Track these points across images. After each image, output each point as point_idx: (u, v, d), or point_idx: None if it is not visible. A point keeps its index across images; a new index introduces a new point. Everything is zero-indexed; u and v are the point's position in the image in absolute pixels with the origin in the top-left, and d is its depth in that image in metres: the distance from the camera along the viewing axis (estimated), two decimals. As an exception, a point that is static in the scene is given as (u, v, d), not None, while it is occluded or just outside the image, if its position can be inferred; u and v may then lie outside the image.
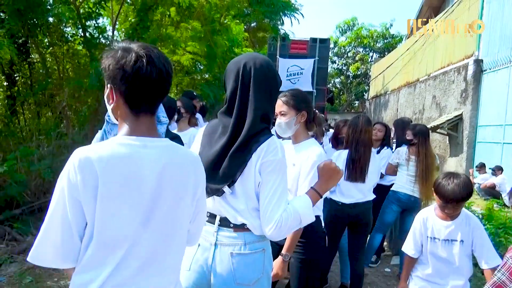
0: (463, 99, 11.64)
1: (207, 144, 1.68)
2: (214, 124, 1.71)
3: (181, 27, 7.32)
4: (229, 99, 1.65)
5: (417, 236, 2.46)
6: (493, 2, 10.75)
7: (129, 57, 1.13)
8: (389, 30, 30.47)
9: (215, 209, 1.64)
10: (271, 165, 1.55)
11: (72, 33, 6.08)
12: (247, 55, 1.71)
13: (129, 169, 1.12)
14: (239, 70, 1.63)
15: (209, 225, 1.64)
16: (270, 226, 1.53)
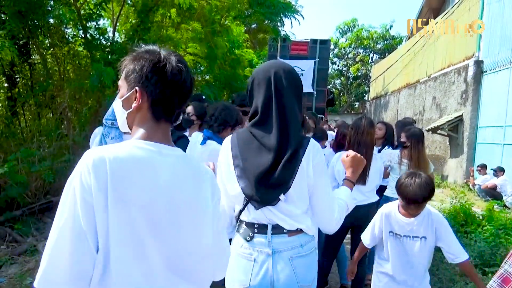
0: (464, 100, 11.64)
1: (247, 156, 1.64)
2: (245, 136, 1.69)
3: (181, 28, 7.33)
4: (263, 108, 1.64)
5: (375, 230, 2.50)
6: (493, 3, 10.76)
7: (169, 62, 1.12)
8: (389, 32, 30.53)
9: (264, 219, 1.63)
10: (319, 167, 1.63)
11: (73, 34, 6.09)
12: (272, 64, 1.73)
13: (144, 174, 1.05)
14: (271, 79, 1.64)
15: (260, 237, 1.63)
16: (333, 224, 1.67)
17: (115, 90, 5.85)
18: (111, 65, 5.06)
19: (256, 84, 1.69)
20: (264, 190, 1.59)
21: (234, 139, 1.71)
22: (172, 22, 7.26)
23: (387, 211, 2.46)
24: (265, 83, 1.65)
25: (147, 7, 5.85)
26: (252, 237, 1.64)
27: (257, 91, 1.68)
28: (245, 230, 1.66)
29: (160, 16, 7.02)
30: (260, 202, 1.59)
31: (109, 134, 2.42)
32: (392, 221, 2.42)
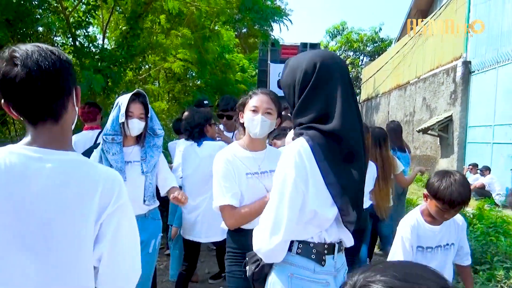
0: (453, 100, 11.78)
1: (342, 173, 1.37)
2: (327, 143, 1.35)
3: (171, 34, 7.34)
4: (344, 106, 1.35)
5: (407, 247, 2.08)
6: (480, 5, 10.93)
7: (2, 60, 1.00)
8: (378, 34, 30.80)
9: (335, 237, 1.46)
10: None
11: (62, 42, 6.07)
12: (329, 52, 1.50)
13: (11, 182, 0.96)
14: (344, 69, 1.41)
15: (329, 258, 1.44)
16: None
17: (105, 97, 5.85)
18: (101, 72, 5.06)
19: (325, 71, 1.36)
20: (358, 207, 1.42)
21: (316, 147, 1.35)
22: (162, 28, 7.28)
23: (413, 222, 2.09)
24: (340, 74, 1.37)
25: (137, 13, 5.85)
26: (325, 260, 1.43)
27: (328, 79, 1.36)
28: (317, 253, 1.42)
29: (150, 22, 7.03)
30: (353, 223, 1.40)
31: (110, 150, 2.39)
32: (420, 234, 2.08)
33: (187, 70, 8.88)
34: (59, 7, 5.45)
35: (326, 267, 1.43)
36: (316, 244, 1.42)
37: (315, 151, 1.34)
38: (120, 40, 5.96)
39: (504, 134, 9.62)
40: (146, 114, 2.45)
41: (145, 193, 2.45)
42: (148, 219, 2.52)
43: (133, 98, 2.42)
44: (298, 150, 1.35)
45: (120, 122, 2.38)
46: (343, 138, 1.34)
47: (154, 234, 2.54)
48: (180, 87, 9.39)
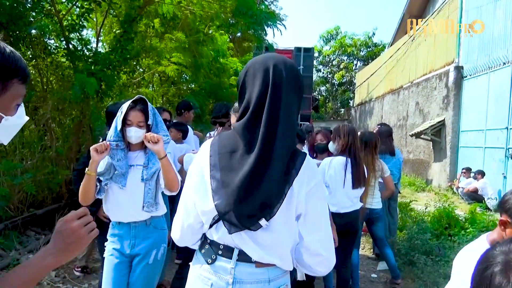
0: (445, 105, 11.88)
1: (228, 167, 1.34)
2: (230, 140, 1.38)
3: (165, 38, 7.33)
4: (255, 105, 1.33)
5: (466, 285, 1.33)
6: (471, 11, 11.06)
7: None
8: (371, 39, 31.03)
9: (231, 242, 1.36)
10: (317, 190, 1.35)
11: (56, 45, 6.04)
12: (271, 55, 1.42)
13: None
14: (269, 71, 1.34)
15: (224, 261, 1.37)
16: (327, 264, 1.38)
17: (99, 100, 5.83)
18: (94, 75, 5.04)
19: (250, 76, 1.37)
20: (242, 211, 1.29)
21: (215, 143, 1.41)
22: (156, 32, 7.27)
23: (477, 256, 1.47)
24: (261, 75, 1.34)
25: (131, 17, 5.84)
26: (214, 259, 1.38)
27: (250, 83, 1.37)
28: (208, 251, 1.41)
29: (144, 26, 7.02)
30: (236, 225, 1.30)
31: (115, 156, 2.38)
32: None
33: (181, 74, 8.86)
34: (52, 10, 5.42)
35: (214, 268, 1.38)
36: (212, 241, 1.41)
37: (212, 145, 1.40)
38: (114, 44, 5.94)
39: (496, 138, 9.72)
40: (146, 121, 2.41)
41: (144, 199, 2.39)
42: (150, 228, 2.44)
43: (132, 106, 2.39)
44: (205, 145, 1.45)
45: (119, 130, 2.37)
46: (243, 138, 1.33)
47: (155, 245, 2.44)
48: (174, 90, 9.37)
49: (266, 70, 1.34)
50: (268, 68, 1.34)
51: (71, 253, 1.07)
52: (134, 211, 2.38)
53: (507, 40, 9.54)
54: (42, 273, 1.04)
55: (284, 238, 1.34)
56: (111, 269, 2.41)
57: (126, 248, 2.40)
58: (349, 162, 3.34)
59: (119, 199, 2.38)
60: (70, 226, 1.06)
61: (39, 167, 5.34)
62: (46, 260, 1.03)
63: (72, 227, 1.06)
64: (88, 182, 2.29)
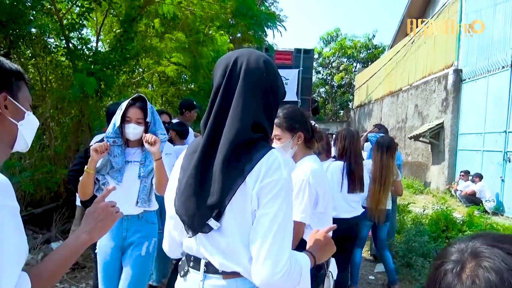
0: (444, 107, 11.90)
1: (186, 167, 1.29)
2: (197, 141, 1.32)
3: (165, 38, 7.33)
4: (209, 104, 1.29)
5: None
6: (471, 14, 11.09)
7: None
8: (371, 41, 31.07)
9: (197, 251, 1.28)
10: (274, 188, 1.15)
11: (55, 44, 6.03)
12: (242, 50, 1.34)
13: None
14: (228, 66, 1.26)
15: (194, 272, 1.29)
16: (277, 270, 1.10)
17: (98, 100, 5.82)
18: (94, 75, 5.03)
19: (214, 74, 1.32)
20: (192, 210, 1.21)
21: (189, 146, 1.38)
22: (156, 32, 7.27)
23: None
24: (220, 72, 1.28)
25: (131, 17, 5.83)
26: (186, 272, 1.32)
27: (213, 80, 1.31)
28: (183, 263, 1.36)
29: (144, 26, 7.02)
30: (192, 228, 1.23)
31: (112, 153, 2.43)
32: None
33: (180, 74, 8.86)
34: (52, 9, 5.42)
35: (185, 281, 1.31)
36: (187, 253, 1.34)
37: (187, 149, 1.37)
38: (114, 43, 5.93)
39: (494, 142, 9.73)
40: (145, 118, 2.46)
41: (139, 195, 2.46)
42: (142, 221, 2.51)
43: (131, 103, 2.45)
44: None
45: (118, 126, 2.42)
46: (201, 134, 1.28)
47: (147, 237, 2.52)
48: (174, 91, 9.36)
49: (225, 65, 1.27)
50: (228, 64, 1.27)
51: (102, 230, 1.24)
52: (128, 206, 2.44)
53: (506, 44, 9.56)
54: (79, 250, 1.17)
55: (240, 241, 1.19)
56: (103, 266, 2.49)
57: (118, 241, 2.47)
58: (345, 167, 3.35)
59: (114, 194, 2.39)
60: (100, 205, 1.26)
61: (37, 166, 5.34)
62: (81, 238, 1.18)
63: (102, 206, 1.26)
64: (87, 180, 2.35)
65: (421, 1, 16.87)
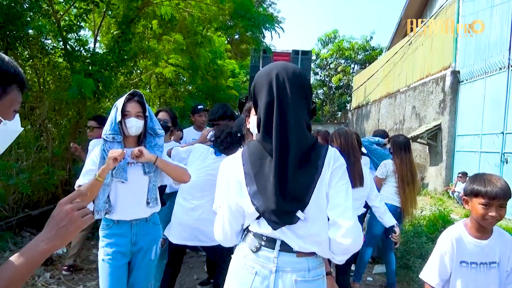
0: (442, 109, 11.93)
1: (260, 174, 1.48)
2: (256, 149, 1.52)
3: (163, 39, 7.34)
4: (265, 116, 1.47)
5: (446, 261, 1.97)
6: (468, 16, 11.13)
7: None
8: (369, 43, 31.12)
9: (273, 234, 1.49)
10: (340, 170, 1.49)
11: (53, 45, 6.02)
12: (273, 65, 1.55)
13: None
14: (272, 82, 1.48)
15: (267, 250, 1.49)
16: (357, 224, 1.44)
17: (96, 101, 5.81)
18: (92, 76, 5.02)
19: (257, 91, 1.53)
20: (280, 208, 1.42)
21: (245, 153, 1.55)
22: (154, 34, 7.27)
23: (456, 235, 1.97)
24: (266, 88, 1.49)
25: (129, 18, 5.84)
26: (258, 248, 1.50)
27: (259, 97, 1.52)
28: (252, 241, 1.53)
29: (142, 27, 7.02)
30: (277, 223, 1.44)
31: (110, 149, 2.33)
32: (463, 247, 1.95)
33: (178, 76, 8.86)
34: (50, 11, 5.41)
35: (257, 257, 1.49)
36: (255, 233, 1.52)
37: (243, 155, 1.55)
38: (111, 44, 5.93)
39: (492, 143, 9.76)
40: (144, 113, 2.43)
41: (148, 195, 2.41)
42: (149, 224, 2.47)
43: (129, 98, 2.41)
44: (237, 156, 1.59)
45: (117, 122, 2.36)
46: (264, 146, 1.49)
47: (155, 240, 2.49)
48: (172, 92, 9.36)
49: (269, 82, 1.48)
50: (272, 80, 1.48)
51: (64, 238, 1.04)
52: (139, 208, 2.40)
53: (503, 46, 9.60)
54: (37, 260, 1.00)
55: (320, 225, 1.47)
56: (111, 273, 2.36)
57: (126, 246, 2.39)
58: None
59: (123, 196, 2.37)
60: (63, 209, 1.05)
61: (35, 167, 5.32)
62: (39, 247, 1.00)
63: (66, 210, 1.04)
64: (96, 188, 2.22)
65: (419, 3, 16.92)
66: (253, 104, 1.59)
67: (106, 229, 2.42)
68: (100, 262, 2.41)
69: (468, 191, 1.95)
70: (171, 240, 3.09)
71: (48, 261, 4.37)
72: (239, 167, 1.54)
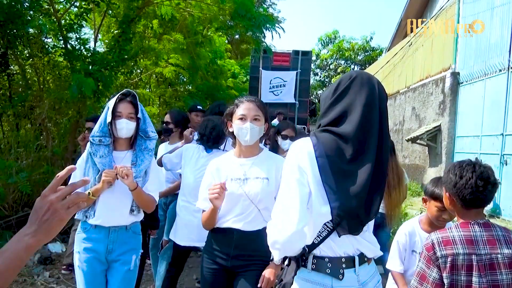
0: (441, 110, 11.93)
1: (341, 172, 1.38)
2: (333, 144, 1.41)
3: (163, 39, 7.35)
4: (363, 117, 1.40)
5: (401, 250, 2.35)
6: (468, 17, 11.13)
7: None
8: (369, 43, 31.14)
9: (351, 249, 1.45)
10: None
11: (53, 44, 6.02)
12: (370, 75, 1.53)
13: None
14: (375, 86, 1.46)
15: (348, 272, 1.42)
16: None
17: (96, 100, 5.81)
18: (92, 75, 5.02)
19: (357, 83, 1.45)
20: (360, 216, 1.39)
21: (318, 144, 1.42)
22: (154, 33, 7.28)
23: (410, 229, 2.34)
24: (368, 87, 1.44)
25: (129, 18, 5.84)
26: (343, 274, 1.41)
27: (356, 91, 1.44)
28: (334, 267, 1.41)
29: (142, 27, 7.02)
30: (348, 229, 1.39)
31: (97, 153, 2.24)
32: (415, 239, 2.30)
33: (178, 75, 8.87)
34: (50, 10, 5.42)
35: (345, 281, 1.41)
36: (331, 258, 1.42)
37: (316, 148, 1.40)
38: (112, 44, 5.93)
39: (491, 144, 9.76)
40: (136, 114, 2.30)
41: (134, 202, 2.30)
42: (129, 233, 2.34)
43: (121, 98, 2.28)
44: (300, 146, 1.44)
45: (107, 123, 2.23)
46: (351, 140, 1.38)
47: (134, 250, 2.36)
48: (171, 92, 9.37)
49: (372, 84, 1.45)
50: (374, 84, 1.46)
51: (49, 232, 0.94)
52: (119, 216, 2.28)
53: (504, 47, 9.60)
54: (21, 257, 0.91)
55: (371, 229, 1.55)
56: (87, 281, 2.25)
57: (102, 253, 2.27)
58: None
59: (106, 201, 2.26)
60: (45, 200, 0.94)
61: (34, 166, 5.32)
62: (22, 243, 0.91)
63: (48, 201, 0.94)
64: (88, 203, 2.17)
65: (419, 4, 16.92)
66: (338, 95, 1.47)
67: (83, 232, 2.30)
68: (76, 269, 2.28)
69: (428, 193, 2.20)
70: (178, 243, 3.07)
71: (47, 260, 4.37)
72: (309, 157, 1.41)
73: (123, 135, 2.28)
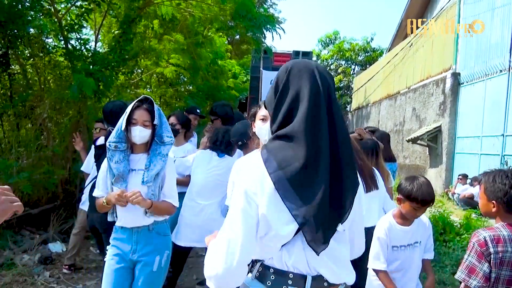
0: (442, 111, 11.93)
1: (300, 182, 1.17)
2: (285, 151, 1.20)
3: (164, 39, 7.35)
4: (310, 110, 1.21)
5: (384, 247, 2.38)
6: (469, 18, 11.13)
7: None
8: (370, 44, 31.12)
9: (304, 267, 1.21)
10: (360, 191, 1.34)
11: (54, 44, 6.03)
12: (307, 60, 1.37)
13: None
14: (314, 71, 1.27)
15: None
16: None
17: (96, 101, 5.81)
18: (92, 75, 5.03)
19: (295, 75, 1.26)
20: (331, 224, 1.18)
21: (268, 159, 1.21)
22: (155, 33, 7.28)
23: (387, 225, 2.41)
24: (307, 74, 1.25)
25: (130, 18, 5.84)
26: None
27: (296, 83, 1.25)
28: (277, 282, 1.21)
29: (143, 27, 7.02)
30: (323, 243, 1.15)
31: (112, 158, 2.31)
32: (393, 234, 2.39)
33: (179, 76, 8.87)
34: (51, 10, 5.42)
35: None
36: (277, 270, 1.22)
37: (268, 164, 1.20)
38: (112, 44, 5.94)
39: (492, 145, 9.76)
40: (152, 121, 2.34)
41: None
42: (152, 233, 2.37)
43: (137, 105, 2.33)
44: (248, 167, 1.27)
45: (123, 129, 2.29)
46: (301, 141, 1.18)
47: (158, 250, 2.36)
48: (172, 92, 9.37)
49: (310, 69, 1.27)
50: (313, 69, 1.27)
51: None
52: (137, 216, 2.32)
53: (504, 48, 9.60)
54: None
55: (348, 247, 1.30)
56: (111, 273, 2.34)
57: (127, 253, 2.34)
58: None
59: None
60: None
61: (35, 166, 5.32)
62: None
63: None
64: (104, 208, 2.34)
65: (420, 4, 16.92)
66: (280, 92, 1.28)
67: (114, 232, 2.44)
68: (105, 263, 2.41)
69: (405, 193, 2.30)
70: (179, 244, 3.10)
71: (48, 260, 4.38)
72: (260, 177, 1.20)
73: (137, 142, 2.34)
